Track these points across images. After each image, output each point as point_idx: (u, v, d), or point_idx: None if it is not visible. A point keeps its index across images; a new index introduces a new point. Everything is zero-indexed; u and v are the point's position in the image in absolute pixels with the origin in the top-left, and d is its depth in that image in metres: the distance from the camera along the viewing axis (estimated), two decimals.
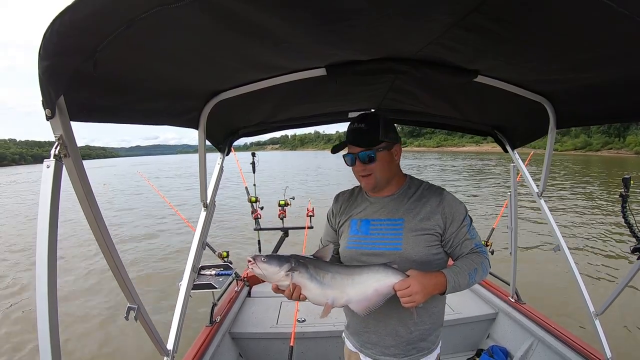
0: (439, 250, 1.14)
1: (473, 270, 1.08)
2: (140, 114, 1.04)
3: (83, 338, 4.10)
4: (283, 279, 0.99)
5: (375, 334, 1.18)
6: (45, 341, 0.73)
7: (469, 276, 1.07)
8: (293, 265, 0.99)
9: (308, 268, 1.00)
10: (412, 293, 0.99)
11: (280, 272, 0.98)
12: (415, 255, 1.10)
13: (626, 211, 1.74)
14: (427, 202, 1.14)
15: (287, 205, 3.51)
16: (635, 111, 1.15)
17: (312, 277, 1.00)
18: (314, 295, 1.01)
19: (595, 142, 49.03)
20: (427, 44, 0.85)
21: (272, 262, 0.98)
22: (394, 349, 1.16)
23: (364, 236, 1.18)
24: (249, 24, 0.66)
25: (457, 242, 1.13)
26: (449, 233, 1.13)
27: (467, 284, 1.07)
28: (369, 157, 1.12)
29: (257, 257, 0.99)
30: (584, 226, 8.16)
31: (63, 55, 0.60)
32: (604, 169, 23.71)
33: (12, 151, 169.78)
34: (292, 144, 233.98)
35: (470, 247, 1.13)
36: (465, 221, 1.14)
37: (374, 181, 1.15)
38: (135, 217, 11.25)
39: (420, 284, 1.00)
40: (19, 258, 7.23)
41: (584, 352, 1.86)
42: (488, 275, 2.83)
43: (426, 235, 1.11)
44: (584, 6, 0.58)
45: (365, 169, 1.14)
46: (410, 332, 1.15)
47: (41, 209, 0.73)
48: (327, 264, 1.06)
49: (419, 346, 1.16)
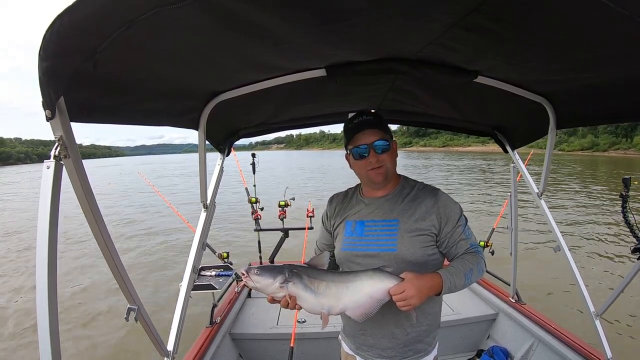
0: (435, 250, 1.14)
1: (469, 271, 1.07)
2: (140, 114, 1.04)
3: (83, 338, 4.10)
4: (277, 291, 0.98)
5: (371, 336, 1.17)
6: (45, 341, 0.73)
7: (465, 276, 1.06)
8: (287, 276, 0.98)
9: (302, 278, 0.99)
10: (408, 297, 0.98)
11: (274, 284, 0.97)
12: (411, 256, 1.10)
13: (626, 211, 1.74)
14: (422, 203, 1.14)
15: (287, 205, 3.51)
16: (635, 111, 1.15)
17: (307, 287, 0.99)
18: (309, 305, 1.00)
19: (603, 143, 48.39)
20: (427, 44, 0.85)
21: (265, 274, 0.98)
22: (390, 351, 1.15)
23: (358, 238, 1.17)
24: (248, 24, 0.67)
25: (452, 242, 1.12)
26: (444, 233, 1.12)
27: (463, 284, 1.06)
28: (383, 147, 1.13)
29: (250, 269, 0.99)
30: (584, 226, 8.16)
31: (63, 56, 0.60)
32: (609, 170, 23.54)
33: (17, 150, 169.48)
34: (297, 143, 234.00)
35: (465, 247, 1.12)
36: (460, 221, 1.13)
37: (385, 172, 1.15)
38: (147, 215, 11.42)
39: (415, 287, 0.99)
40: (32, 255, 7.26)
41: (585, 352, 1.86)
42: (487, 275, 2.87)
43: (422, 235, 1.11)
44: (583, 6, 0.58)
45: (379, 159, 1.13)
46: (407, 334, 1.14)
47: (41, 210, 0.73)
48: (321, 272, 1.04)
49: (415, 348, 1.16)
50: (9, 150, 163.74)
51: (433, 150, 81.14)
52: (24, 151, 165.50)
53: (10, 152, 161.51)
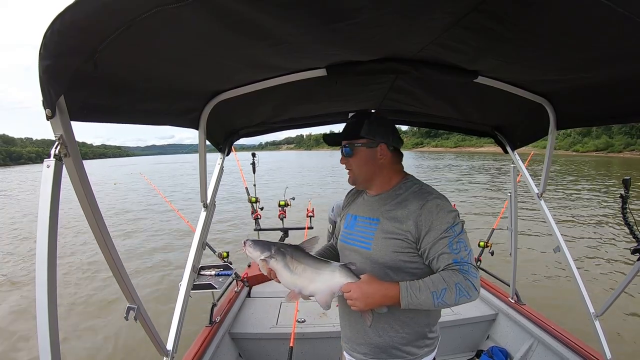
0: (413, 258, 1.06)
1: (440, 290, 0.95)
2: (140, 114, 1.04)
3: (83, 338, 4.10)
4: (262, 263, 1.11)
5: (349, 329, 1.20)
6: (44, 341, 0.73)
7: (433, 296, 0.95)
8: (272, 252, 1.10)
9: (285, 256, 1.10)
10: (353, 298, 1.02)
11: (260, 257, 1.11)
12: (382, 258, 1.07)
13: (626, 212, 1.74)
14: (406, 207, 1.07)
15: (287, 205, 3.52)
16: (635, 111, 1.14)
17: (286, 266, 1.10)
18: (284, 281, 1.11)
19: (617, 143, 46.63)
20: (427, 43, 0.85)
21: (257, 246, 1.12)
22: (363, 347, 1.16)
23: (349, 231, 1.21)
24: (248, 23, 0.67)
25: (432, 254, 1.01)
26: (425, 243, 1.02)
27: (431, 303, 0.96)
28: (346, 151, 1.18)
29: (247, 240, 1.14)
30: (585, 226, 8.16)
31: (63, 55, 0.60)
32: (624, 173, 23.04)
33: (28, 150, 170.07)
34: (307, 143, 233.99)
35: (447, 263, 0.98)
36: (448, 232, 1.00)
37: (352, 175, 1.20)
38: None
39: (361, 291, 1.01)
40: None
41: (584, 353, 1.86)
42: (487, 276, 2.86)
43: (395, 239, 1.05)
44: (583, 6, 0.58)
45: (347, 162, 1.20)
46: (379, 336, 1.12)
47: (41, 209, 0.73)
48: (304, 255, 1.12)
49: (390, 352, 1.12)
50: (19, 150, 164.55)
51: (445, 150, 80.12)
52: (35, 151, 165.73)
53: (21, 152, 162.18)
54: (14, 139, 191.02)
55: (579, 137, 51.52)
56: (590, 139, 50.40)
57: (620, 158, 38.45)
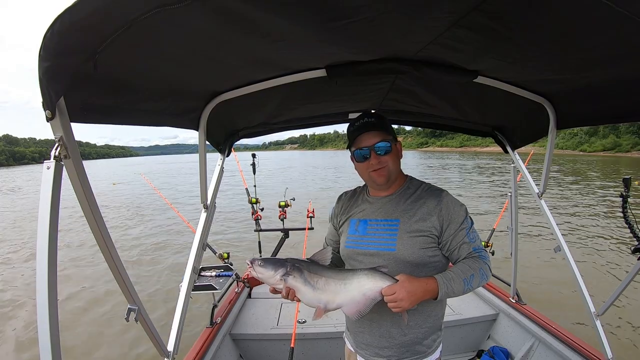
0: (436, 252, 1.12)
1: (469, 277, 1.05)
2: (140, 114, 1.04)
3: (82, 338, 4.10)
4: (278, 283, 1.02)
5: (369, 334, 1.18)
6: (45, 340, 0.73)
7: (464, 282, 1.04)
8: (288, 269, 1.02)
9: (302, 272, 1.02)
10: (398, 299, 0.98)
11: (275, 276, 1.01)
12: (410, 256, 1.09)
13: (627, 211, 1.73)
14: (424, 204, 1.13)
15: (288, 206, 3.51)
16: (635, 111, 1.15)
17: (306, 282, 1.02)
18: (307, 299, 1.03)
19: (625, 143, 46.07)
20: (427, 43, 0.85)
21: (268, 266, 1.02)
22: (387, 351, 1.15)
23: (361, 236, 1.18)
24: (248, 23, 0.67)
25: (454, 245, 1.10)
26: (446, 235, 1.10)
27: (462, 289, 1.04)
28: (385, 149, 1.14)
29: (254, 260, 1.03)
30: (585, 226, 8.15)
31: (63, 56, 0.60)
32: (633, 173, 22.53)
33: (31, 150, 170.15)
34: (311, 143, 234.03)
35: (468, 251, 1.09)
36: (464, 224, 1.10)
37: (387, 173, 1.15)
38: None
39: (406, 290, 0.99)
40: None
41: (585, 352, 1.86)
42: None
43: (421, 237, 1.10)
44: (583, 6, 0.59)
45: (380, 161, 1.14)
46: (404, 335, 1.13)
47: (41, 210, 0.73)
48: (321, 268, 1.06)
49: (413, 349, 1.14)
50: (23, 150, 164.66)
51: (450, 150, 79.69)
52: (38, 151, 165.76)
53: (24, 152, 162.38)
54: (17, 139, 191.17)
55: (586, 137, 50.93)
56: (598, 139, 49.52)
57: (628, 158, 38.12)
